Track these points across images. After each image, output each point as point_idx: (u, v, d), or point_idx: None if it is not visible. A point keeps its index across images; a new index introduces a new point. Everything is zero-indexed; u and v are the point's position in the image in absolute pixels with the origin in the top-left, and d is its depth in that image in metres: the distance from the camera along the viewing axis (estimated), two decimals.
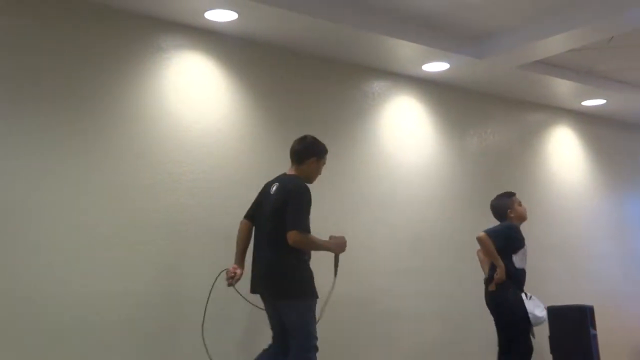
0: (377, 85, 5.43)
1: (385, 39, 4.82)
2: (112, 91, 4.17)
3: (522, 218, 4.83)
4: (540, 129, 6.49)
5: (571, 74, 5.84)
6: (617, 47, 5.34)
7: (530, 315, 4.59)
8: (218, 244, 4.31)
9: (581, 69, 5.85)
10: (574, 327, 5.53)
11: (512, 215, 4.78)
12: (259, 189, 4.04)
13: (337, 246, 3.98)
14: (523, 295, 4.64)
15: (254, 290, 3.91)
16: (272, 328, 3.96)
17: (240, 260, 3.96)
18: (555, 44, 4.99)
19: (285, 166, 4.01)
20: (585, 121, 6.81)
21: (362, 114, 5.30)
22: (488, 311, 4.73)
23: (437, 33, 5.01)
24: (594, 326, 5.53)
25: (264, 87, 4.82)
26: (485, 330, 4.99)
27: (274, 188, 3.89)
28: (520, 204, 4.84)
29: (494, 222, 4.81)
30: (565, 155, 6.63)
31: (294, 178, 3.90)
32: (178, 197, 4.32)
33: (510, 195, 4.87)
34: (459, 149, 5.86)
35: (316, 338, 3.75)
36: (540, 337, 5.67)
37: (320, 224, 4.80)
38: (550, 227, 6.27)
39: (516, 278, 4.65)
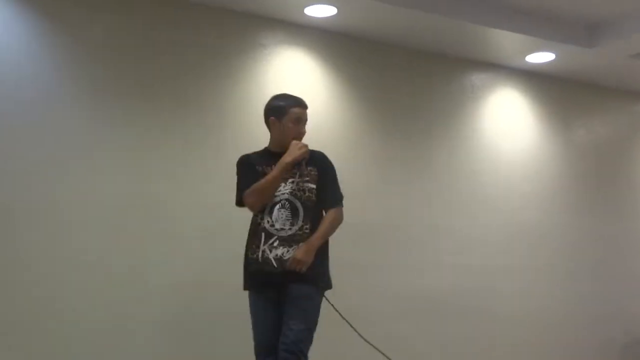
0: (477, 78, 5.30)
1: (486, 29, 4.69)
2: (214, 88, 4.26)
3: None
4: None
5: None
6: None
7: None
8: None
9: None
10: None
11: None
12: (362, 184, 4.00)
13: None
14: None
15: None
16: None
17: None
18: None
19: (386, 161, 3.98)
20: None
21: (462, 107, 5.19)
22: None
23: (541, 22, 4.83)
24: None
25: (363, 81, 4.80)
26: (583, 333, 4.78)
27: None
28: None
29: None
30: None
31: None
32: None
33: None
34: (564, 142, 5.65)
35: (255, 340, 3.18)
36: None
37: (417, 214, 4.74)
38: None
39: None
